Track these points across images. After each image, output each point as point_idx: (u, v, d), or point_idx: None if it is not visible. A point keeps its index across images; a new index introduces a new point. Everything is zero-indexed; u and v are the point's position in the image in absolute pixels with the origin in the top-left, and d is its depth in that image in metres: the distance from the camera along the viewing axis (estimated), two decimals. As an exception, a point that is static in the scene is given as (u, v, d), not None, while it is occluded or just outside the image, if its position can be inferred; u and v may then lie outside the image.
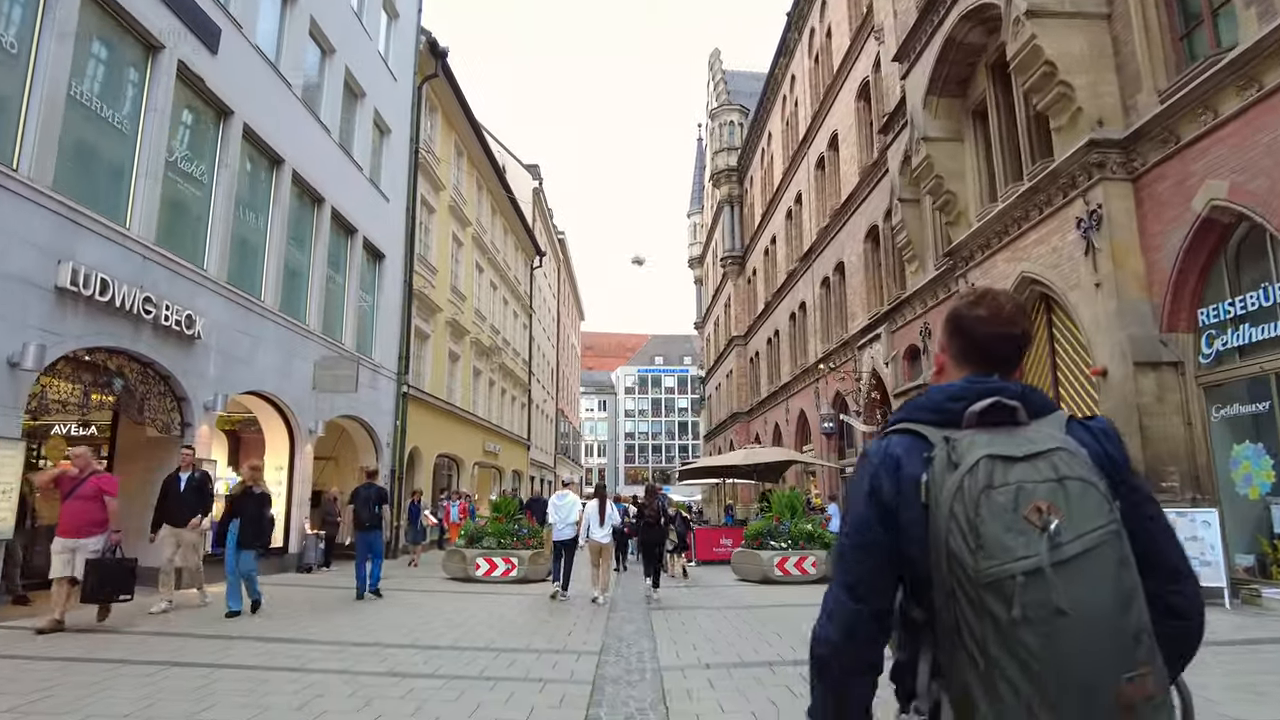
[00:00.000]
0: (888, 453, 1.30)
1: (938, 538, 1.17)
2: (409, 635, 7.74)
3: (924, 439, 1.28)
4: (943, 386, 1.35)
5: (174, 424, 10.66)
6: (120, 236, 9.37)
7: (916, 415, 1.33)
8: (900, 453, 1.29)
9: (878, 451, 1.32)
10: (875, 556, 1.27)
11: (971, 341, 1.38)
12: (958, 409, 1.27)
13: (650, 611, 9.80)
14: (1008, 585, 1.10)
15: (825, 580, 12.88)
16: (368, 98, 17.60)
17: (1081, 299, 11.26)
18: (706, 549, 17.31)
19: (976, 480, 1.16)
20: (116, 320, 9.26)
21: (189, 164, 11.17)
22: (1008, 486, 1.15)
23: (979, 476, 1.16)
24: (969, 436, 1.22)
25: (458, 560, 13.14)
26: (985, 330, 1.36)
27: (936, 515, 1.18)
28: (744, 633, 8.15)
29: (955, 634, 1.15)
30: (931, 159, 15.28)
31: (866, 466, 1.32)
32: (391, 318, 19.02)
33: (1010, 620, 1.09)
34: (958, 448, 1.21)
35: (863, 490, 1.30)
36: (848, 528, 1.32)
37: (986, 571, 1.11)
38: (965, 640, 1.13)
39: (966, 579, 1.13)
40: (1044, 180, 11.98)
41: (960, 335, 1.40)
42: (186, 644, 6.97)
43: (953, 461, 1.20)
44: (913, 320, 18.69)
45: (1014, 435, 1.21)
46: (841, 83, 24.25)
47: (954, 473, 1.18)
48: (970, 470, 1.17)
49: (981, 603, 1.11)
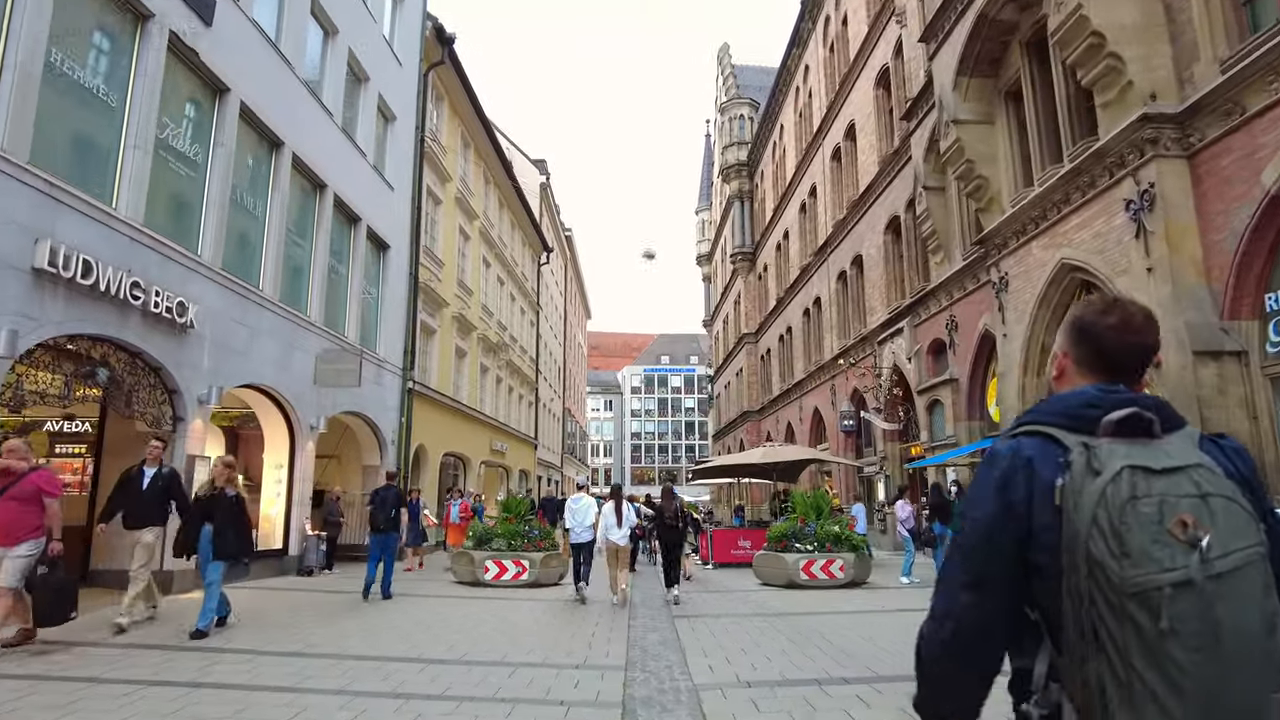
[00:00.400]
0: (1019, 453, 1.28)
1: (1075, 543, 1.16)
2: (415, 647, 7.07)
3: (1057, 443, 1.27)
4: (1076, 392, 1.35)
5: (165, 418, 10.02)
6: (105, 216, 8.73)
7: (1049, 419, 1.31)
8: (1033, 454, 1.27)
9: (1008, 451, 1.30)
10: (1002, 554, 1.25)
11: (1099, 350, 1.38)
12: (1093, 416, 1.26)
13: (674, 619, 9.12)
14: (1154, 596, 1.09)
15: (854, 585, 12.29)
16: (372, 82, 16.96)
17: (1131, 285, 10.53)
18: (724, 551, 16.61)
19: (1120, 489, 1.15)
20: (101, 306, 8.62)
21: (181, 142, 10.52)
22: (1151, 498, 1.14)
23: (1123, 485, 1.15)
24: (1107, 445, 1.21)
25: (466, 563, 12.47)
26: (1115, 340, 1.36)
27: (1075, 520, 1.17)
28: (780, 644, 7.46)
29: (1091, 641, 1.13)
30: (962, 142, 14.58)
31: (995, 465, 1.30)
32: (396, 311, 18.38)
33: (1158, 632, 1.08)
34: (1098, 455, 1.20)
35: (990, 488, 1.28)
36: (971, 525, 1.29)
37: (1133, 580, 1.10)
38: (1106, 648, 1.12)
39: (1110, 586, 1.11)
40: (1087, 160, 11.27)
41: (1087, 343, 1.39)
42: (170, 659, 6.31)
43: (1093, 468, 1.18)
44: (937, 313, 17.99)
45: (1150, 448, 1.21)
46: (859, 70, 23.56)
47: (1095, 479, 1.17)
48: (1114, 479, 1.16)
49: (1125, 611, 1.10)
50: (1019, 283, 13.57)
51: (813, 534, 12.48)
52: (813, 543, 12.40)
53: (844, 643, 7.54)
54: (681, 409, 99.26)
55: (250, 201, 12.37)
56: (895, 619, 9.08)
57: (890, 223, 21.02)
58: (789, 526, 12.84)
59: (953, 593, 1.28)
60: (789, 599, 10.96)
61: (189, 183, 10.78)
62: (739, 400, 41.42)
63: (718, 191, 50.29)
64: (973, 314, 16.39)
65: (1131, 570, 1.10)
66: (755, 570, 13.18)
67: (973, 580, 1.26)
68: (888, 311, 20.82)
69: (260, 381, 12.25)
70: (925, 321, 18.68)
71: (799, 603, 10.54)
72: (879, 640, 7.65)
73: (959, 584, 1.28)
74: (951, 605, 1.28)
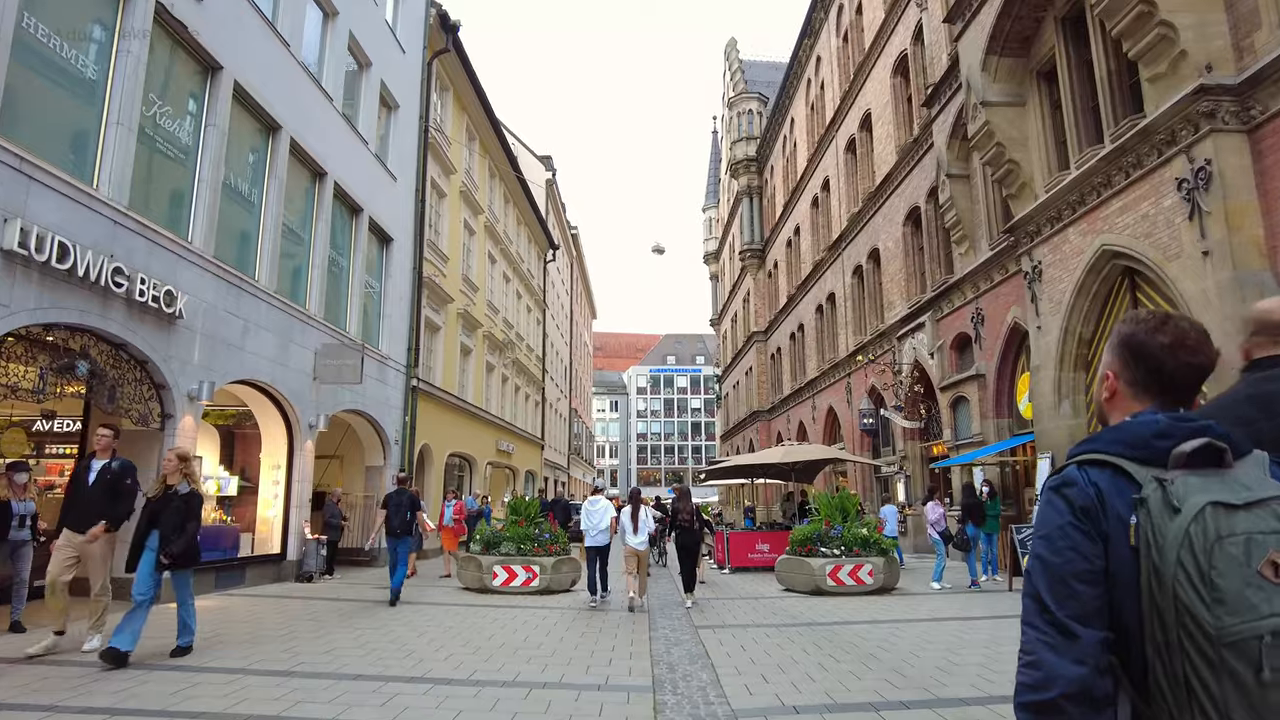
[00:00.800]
0: (1090, 482, 1.22)
1: (1161, 587, 1.09)
2: (419, 663, 6.41)
3: (1126, 475, 1.21)
4: (1144, 420, 1.26)
5: (152, 415, 9.38)
6: (85, 196, 8.09)
7: (1115, 449, 1.24)
8: (1104, 486, 1.21)
9: (1076, 478, 1.23)
10: (1095, 581, 1.17)
11: (1156, 370, 1.31)
12: (1164, 448, 1.19)
13: (697, 630, 8.46)
14: (1252, 645, 1.03)
15: (884, 591, 11.59)
16: (374, 68, 16.33)
17: (1183, 271, 9.84)
18: (741, 554, 15.91)
19: (1205, 529, 1.09)
20: (79, 293, 7.98)
21: (170, 122, 9.89)
22: (1236, 537, 1.08)
23: (1207, 525, 1.09)
24: (1181, 478, 1.14)
25: (473, 569, 11.82)
26: (1172, 360, 1.29)
27: (1158, 563, 1.10)
28: (819, 659, 6.79)
29: (1184, 693, 1.06)
30: (991, 125, 13.87)
31: (1067, 491, 1.23)
32: (400, 306, 17.74)
33: (1259, 683, 1.03)
34: (1174, 491, 1.13)
35: (1066, 515, 1.21)
36: (1055, 556, 1.19)
37: (1230, 629, 1.04)
38: (1201, 701, 1.05)
39: (1203, 635, 1.05)
40: (1133, 139, 10.57)
41: (1141, 363, 1.32)
42: (144, 679, 5.66)
43: (1172, 505, 1.12)
44: (962, 306, 17.28)
45: (1226, 479, 1.14)
46: (875, 59, 22.87)
47: (1176, 518, 1.11)
48: (1196, 517, 1.09)
49: (1222, 662, 1.04)
50: (1054, 272, 12.87)
51: (839, 537, 11.78)
52: (839, 546, 11.71)
53: (889, 657, 6.86)
54: (688, 409, 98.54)
55: (245, 187, 11.74)
56: (937, 630, 8.39)
57: (910, 214, 20.31)
58: (814, 529, 12.15)
59: (1055, 628, 1.15)
60: (817, 607, 10.28)
61: (178, 165, 10.14)
62: (748, 400, 40.70)
63: (725, 188, 49.59)
64: (1000, 306, 15.69)
65: (1229, 619, 1.04)
66: (778, 575, 12.49)
67: (1076, 610, 1.15)
68: (908, 306, 20.11)
69: (256, 377, 11.61)
70: (948, 315, 17.97)
71: (829, 611, 9.87)
72: (927, 655, 6.97)
73: (1063, 616, 1.15)
74: (1057, 640, 1.15)
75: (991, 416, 16.01)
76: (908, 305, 20.16)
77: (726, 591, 12.28)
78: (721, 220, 51.65)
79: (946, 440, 17.66)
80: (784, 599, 11.22)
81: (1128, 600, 1.14)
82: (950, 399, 17.53)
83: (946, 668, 6.46)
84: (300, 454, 12.98)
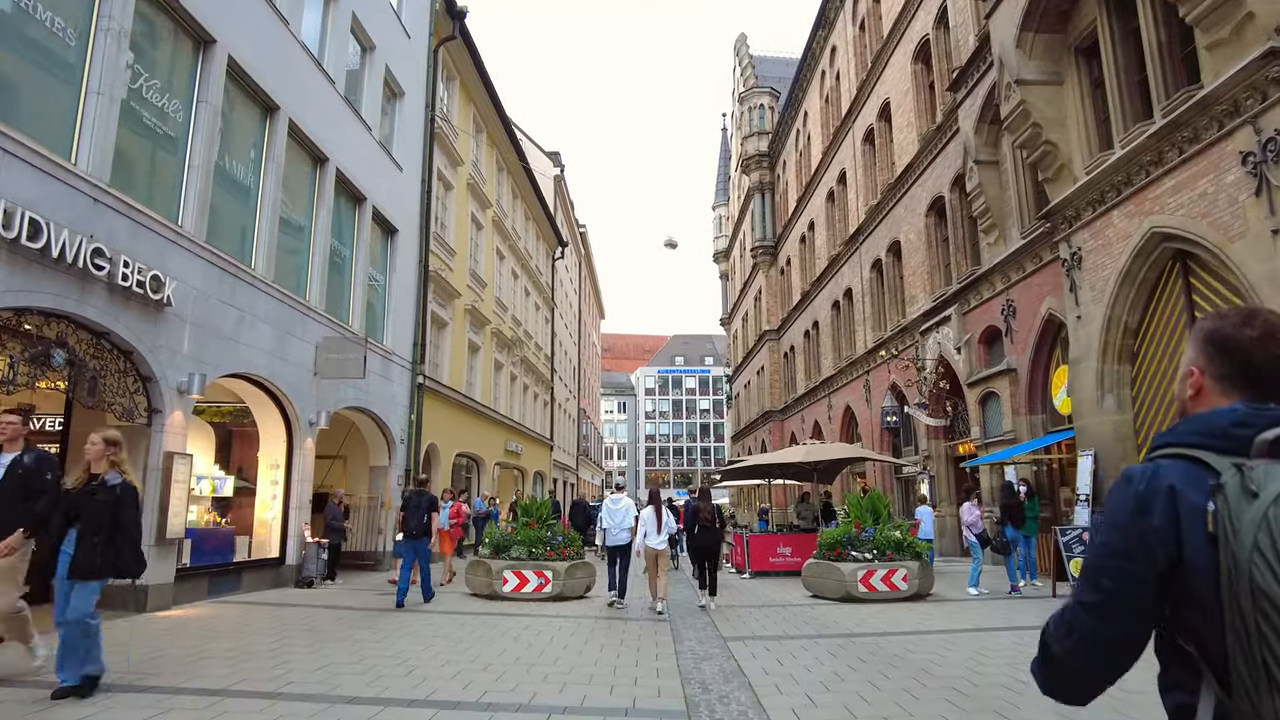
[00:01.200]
0: (1157, 477, 1.21)
1: (1238, 572, 1.07)
2: (423, 683, 5.73)
3: (1203, 465, 1.19)
4: (1223, 411, 1.24)
5: (138, 409, 8.74)
6: (61, 171, 7.46)
7: (1191, 440, 1.24)
8: (1175, 480, 1.19)
9: (1144, 476, 1.23)
10: (1131, 582, 1.19)
11: (1244, 364, 1.28)
12: (1245, 436, 1.18)
13: (726, 642, 7.76)
14: None
15: (919, 597, 10.85)
16: (378, 52, 15.71)
17: (1249, 252, 9.10)
18: (762, 558, 15.18)
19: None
20: (55, 275, 7.35)
21: (158, 96, 9.25)
22: None
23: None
24: (1263, 465, 1.12)
25: (482, 574, 11.15)
26: (1261, 352, 1.27)
27: (1235, 548, 1.08)
28: (867, 676, 6.08)
29: (1264, 680, 1.03)
30: (1027, 105, 13.13)
31: (1130, 488, 1.23)
32: (405, 300, 17.10)
33: None
34: (1253, 476, 1.11)
35: (1125, 511, 1.22)
36: (1103, 548, 1.23)
37: None
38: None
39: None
40: (1188, 112, 9.84)
41: (1229, 357, 1.30)
42: (108, 705, 4.99)
43: (1249, 490, 1.10)
44: (991, 299, 16.53)
45: None
46: (894, 45, 22.14)
47: (1253, 503, 1.08)
48: (1276, 501, 1.07)
49: None
50: (1096, 258, 12.13)
51: (871, 540, 11.06)
52: (871, 550, 10.99)
53: (946, 673, 6.16)
54: (696, 411, 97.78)
55: (241, 171, 11.11)
56: (990, 642, 7.67)
57: (933, 204, 19.57)
58: (843, 532, 11.43)
59: (1077, 609, 1.25)
60: (851, 615, 9.56)
61: (167, 143, 9.51)
62: (760, 400, 39.95)
63: (736, 185, 48.88)
64: (1033, 297, 14.93)
65: None
66: (804, 581, 11.77)
67: (1096, 603, 1.22)
68: (931, 299, 19.36)
69: (252, 371, 10.97)
70: (976, 308, 17.21)
71: (865, 620, 9.15)
72: (988, 671, 6.26)
73: (1083, 604, 1.24)
74: (1075, 620, 1.24)
75: (1024, 413, 15.25)
76: (931, 299, 19.41)
77: (751, 598, 11.56)
78: (732, 218, 50.95)
79: (974, 438, 16.90)
80: (813, 606, 10.50)
81: (1206, 589, 1.12)
82: (979, 395, 16.77)
83: (1013, 685, 5.74)
84: (300, 453, 12.34)
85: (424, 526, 10.31)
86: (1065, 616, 1.26)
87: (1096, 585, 1.22)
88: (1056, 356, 14.62)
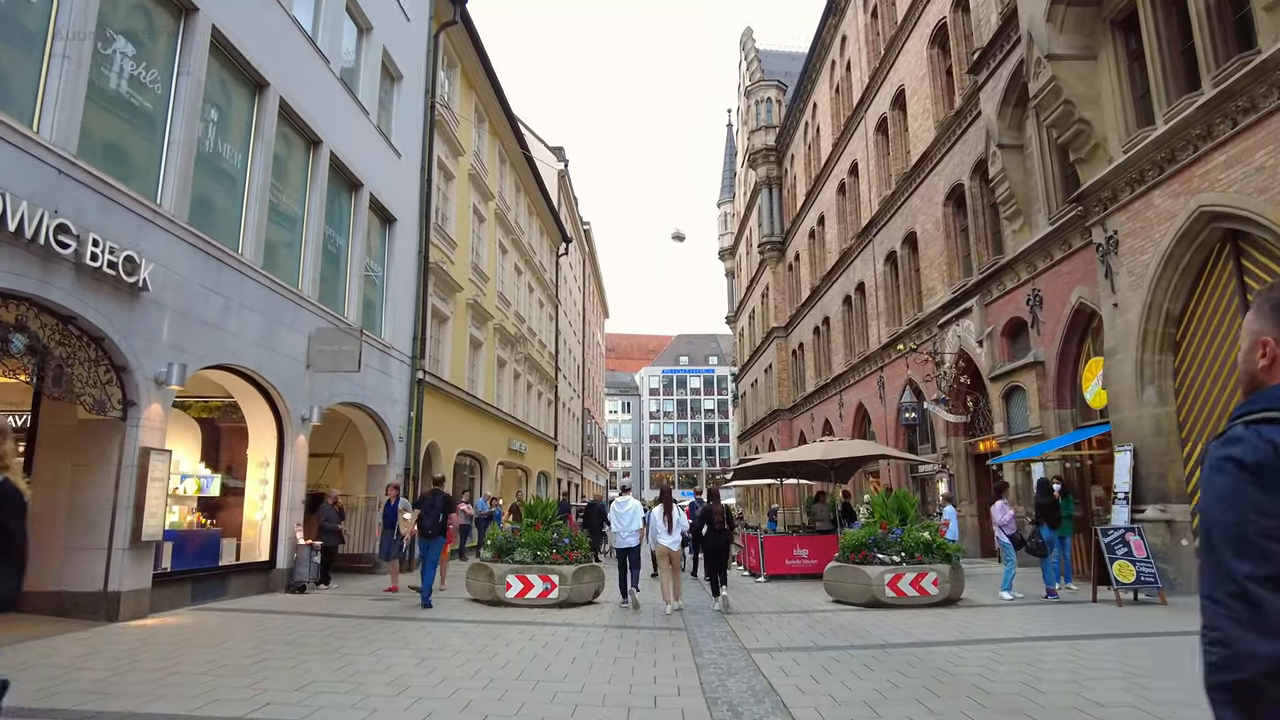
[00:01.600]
0: (1265, 439, 1.17)
1: None
2: (416, 704, 5.05)
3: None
4: None
5: (111, 401, 8.08)
6: (20, 138, 6.81)
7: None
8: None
9: (1244, 435, 1.20)
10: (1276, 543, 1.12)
11: None
12: None
13: (751, 654, 7.06)
14: None
15: (950, 602, 10.11)
16: (375, 33, 15.06)
17: (1313, 228, 8.39)
18: (778, 561, 14.47)
19: None
20: (13, 252, 6.69)
21: (133, 64, 8.60)
22: None
23: None
24: None
25: (484, 578, 10.47)
26: None
27: None
28: (914, 694, 5.38)
29: None
30: (1058, 81, 12.43)
31: (1235, 450, 1.18)
32: (404, 292, 16.44)
33: None
34: None
35: (1246, 473, 1.16)
36: (1233, 519, 1.15)
37: None
38: None
39: None
40: (1243, 80, 9.16)
41: None
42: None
43: None
44: (1015, 289, 15.81)
45: None
46: (909, 31, 21.43)
47: None
48: None
49: None
50: (1134, 241, 11.43)
51: (899, 541, 10.36)
52: (899, 552, 10.29)
53: (1001, 690, 5.46)
54: (701, 410, 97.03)
55: (227, 150, 10.46)
56: (1042, 654, 6.96)
57: (951, 192, 18.85)
58: (868, 533, 10.73)
59: (1255, 593, 1.11)
60: (882, 623, 8.86)
61: (144, 115, 8.84)
62: (767, 398, 39.22)
63: (742, 181, 48.17)
64: (1062, 286, 14.21)
65: None
66: (826, 585, 11.07)
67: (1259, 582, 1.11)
68: (951, 291, 18.63)
69: (239, 362, 10.31)
70: (999, 299, 16.49)
71: (897, 628, 8.44)
72: (1049, 688, 5.55)
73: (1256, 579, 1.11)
74: (1267, 604, 1.10)
75: (1052, 407, 14.52)
76: (950, 290, 18.68)
77: (771, 603, 10.87)
78: (738, 214, 50.21)
79: (998, 435, 16.18)
80: (838, 613, 9.80)
81: None
82: (1002, 390, 16.05)
83: (1083, 706, 5.05)
84: (291, 450, 11.67)
85: (440, 525, 10.27)
86: (1233, 615, 1.12)
87: (1266, 555, 1.12)
88: (1088, 348, 13.90)
